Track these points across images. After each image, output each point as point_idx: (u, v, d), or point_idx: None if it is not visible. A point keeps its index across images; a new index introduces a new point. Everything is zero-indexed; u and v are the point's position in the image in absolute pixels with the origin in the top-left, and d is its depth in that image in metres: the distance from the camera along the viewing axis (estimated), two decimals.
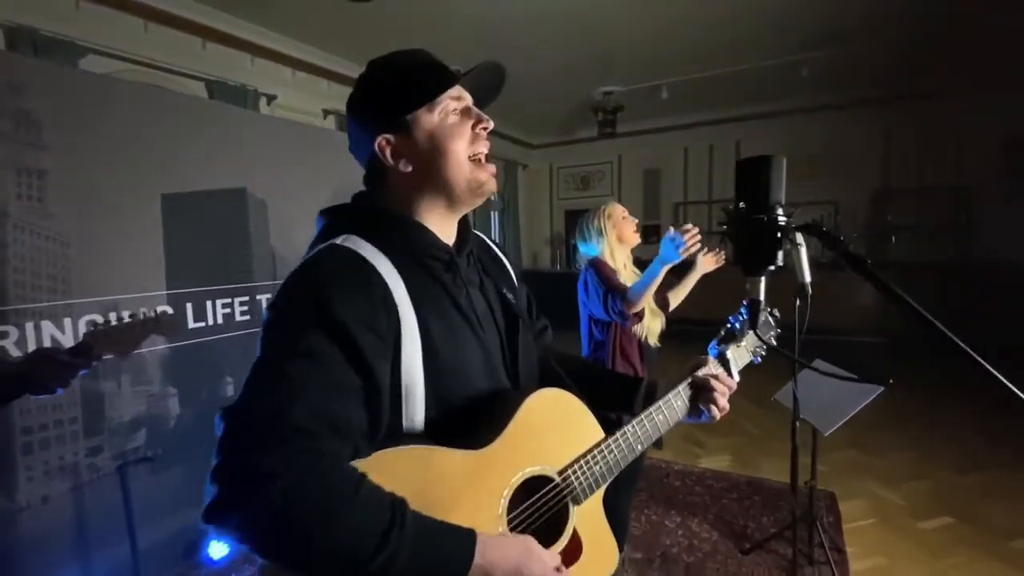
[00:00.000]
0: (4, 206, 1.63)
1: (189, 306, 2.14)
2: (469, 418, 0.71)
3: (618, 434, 0.81)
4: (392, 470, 0.61)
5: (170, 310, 2.05)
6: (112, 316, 1.36)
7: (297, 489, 0.52)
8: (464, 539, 0.60)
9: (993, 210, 5.96)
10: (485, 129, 0.76)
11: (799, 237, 1.74)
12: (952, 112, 6.03)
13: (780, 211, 0.63)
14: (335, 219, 0.75)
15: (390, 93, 0.73)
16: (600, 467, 0.79)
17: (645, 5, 3.94)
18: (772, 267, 0.65)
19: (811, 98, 6.44)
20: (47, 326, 1.74)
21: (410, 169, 0.74)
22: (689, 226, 1.65)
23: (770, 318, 1.07)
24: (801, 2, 3.95)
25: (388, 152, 0.73)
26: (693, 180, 7.76)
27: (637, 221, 1.97)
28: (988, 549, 2.18)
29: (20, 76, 1.69)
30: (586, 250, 1.95)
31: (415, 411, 0.67)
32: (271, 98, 4.39)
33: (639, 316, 1.77)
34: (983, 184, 5.99)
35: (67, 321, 1.79)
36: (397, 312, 0.65)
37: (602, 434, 0.82)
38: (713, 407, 0.88)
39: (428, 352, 0.67)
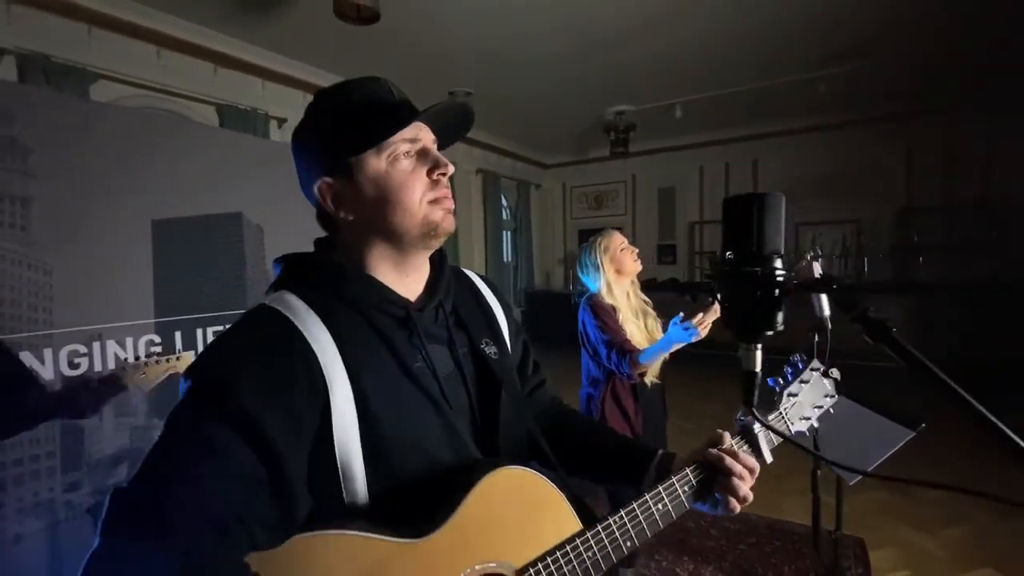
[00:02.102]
0: None
1: (178, 335, 2.08)
2: (419, 497, 0.61)
3: (600, 527, 0.65)
4: (310, 560, 0.52)
5: (157, 338, 1.99)
6: (142, 353, 1.69)
7: None
8: None
9: None
10: (444, 174, 0.66)
11: (816, 268, 1.58)
12: (979, 126, 5.81)
13: (779, 263, 0.50)
14: (284, 269, 0.69)
15: (332, 132, 0.65)
16: (573, 568, 0.63)
17: (656, 24, 3.87)
18: (771, 332, 0.53)
19: (830, 115, 6.28)
20: (26, 357, 1.68)
21: (352, 218, 0.67)
22: (701, 316, 1.62)
23: (826, 382, 0.82)
24: (817, 18, 3.84)
25: (329, 198, 0.66)
26: (709, 199, 7.60)
27: (637, 250, 1.86)
28: None
29: (7, 103, 1.67)
30: (586, 282, 1.87)
31: (356, 487, 0.59)
32: (281, 121, 4.42)
33: (642, 373, 1.73)
34: (1014, 200, 5.71)
35: (47, 352, 1.73)
36: (324, 382, 0.58)
37: (576, 524, 0.67)
38: (730, 496, 0.71)
39: (366, 424, 0.60)
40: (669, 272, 7.48)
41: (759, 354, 0.55)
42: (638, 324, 1.80)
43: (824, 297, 1.45)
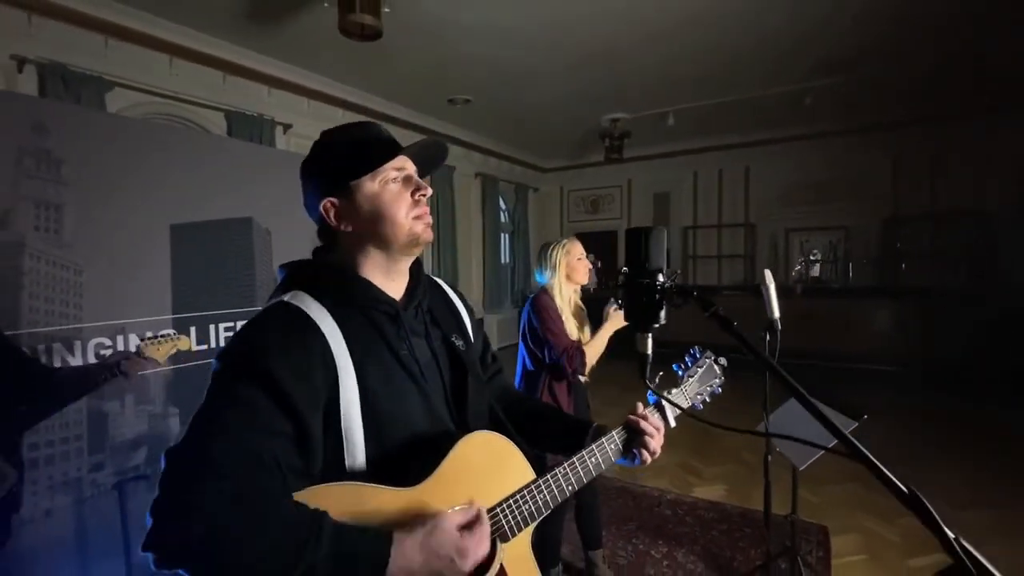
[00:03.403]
0: (22, 237, 1.76)
1: (193, 329, 2.26)
2: (407, 459, 0.75)
3: (548, 476, 0.85)
4: (324, 504, 0.65)
5: (174, 333, 2.16)
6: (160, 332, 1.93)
7: (215, 520, 0.57)
8: (381, 538, 0.63)
9: (1013, 235, 5.81)
10: (424, 196, 0.83)
11: (768, 275, 1.77)
12: (967, 135, 5.97)
13: (661, 276, 0.69)
14: (291, 274, 0.83)
15: (336, 162, 0.81)
16: (529, 507, 0.81)
17: (650, 35, 4.04)
18: (657, 324, 0.71)
19: (821, 123, 6.46)
20: (58, 348, 1.86)
21: (351, 230, 0.81)
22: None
23: (715, 366, 1.10)
24: (806, 30, 4.00)
25: (332, 214, 0.80)
26: (703, 204, 7.78)
27: (591, 267, 2.03)
28: None
29: (44, 118, 1.85)
30: (539, 278, 2.04)
31: (356, 452, 0.72)
32: (287, 127, 4.60)
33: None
34: (1002, 208, 5.88)
35: (77, 344, 1.91)
36: (335, 366, 0.72)
37: (532, 475, 0.85)
38: (644, 450, 0.92)
39: (366, 401, 0.73)
40: None
41: (650, 341, 0.74)
42: (576, 326, 1.98)
43: (774, 301, 1.62)
